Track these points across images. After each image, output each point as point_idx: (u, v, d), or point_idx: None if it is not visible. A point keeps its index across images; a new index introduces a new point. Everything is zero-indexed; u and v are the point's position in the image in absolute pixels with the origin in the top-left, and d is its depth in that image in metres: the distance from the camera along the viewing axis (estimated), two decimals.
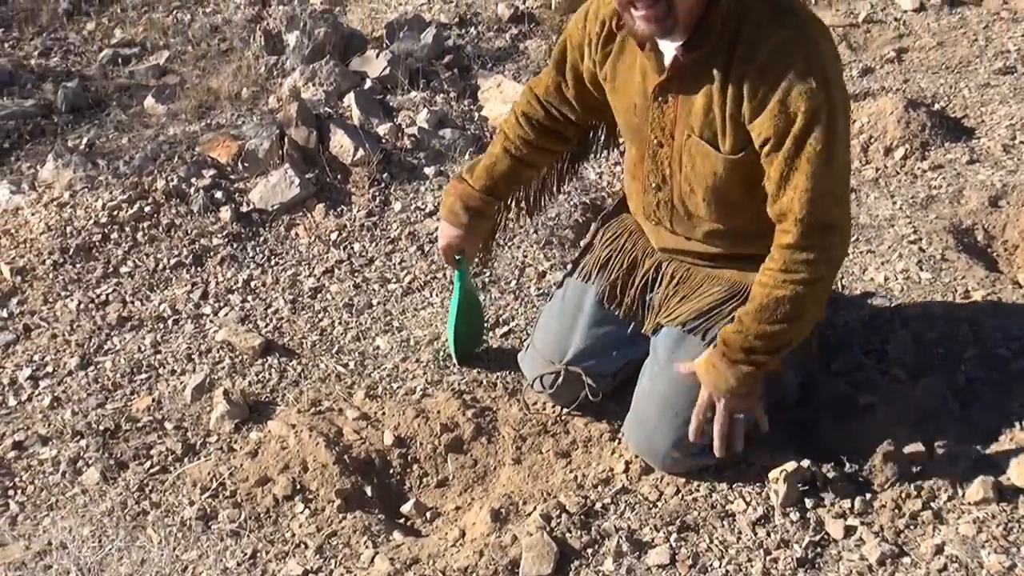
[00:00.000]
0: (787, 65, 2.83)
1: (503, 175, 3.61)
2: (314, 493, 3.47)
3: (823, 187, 2.89)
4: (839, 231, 2.99)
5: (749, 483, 3.37)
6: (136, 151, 5.27)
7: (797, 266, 2.98)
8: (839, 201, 2.98)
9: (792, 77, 2.82)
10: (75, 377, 4.10)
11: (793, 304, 3.00)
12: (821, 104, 2.82)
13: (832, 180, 2.91)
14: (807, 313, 3.05)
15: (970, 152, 5.23)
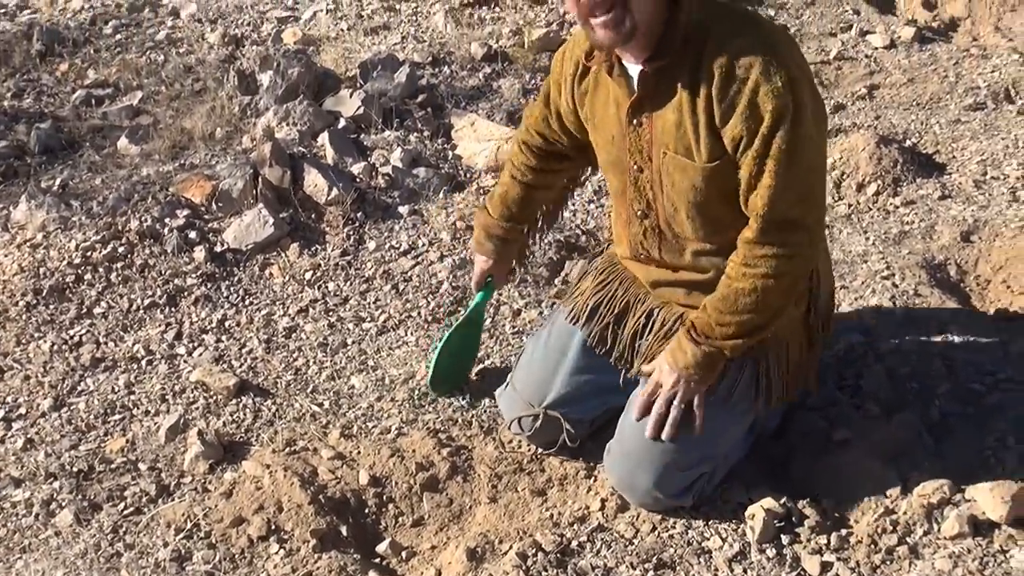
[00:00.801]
0: (752, 67, 2.86)
1: (516, 201, 3.72)
2: (289, 533, 3.45)
3: (785, 184, 2.92)
4: (805, 229, 3.03)
5: (725, 520, 3.37)
6: (110, 192, 5.26)
7: (756, 260, 3.03)
8: (803, 199, 3.00)
9: (758, 78, 2.86)
10: (48, 418, 4.08)
11: (754, 297, 3.05)
12: (788, 103, 2.86)
13: (796, 178, 2.93)
14: (770, 306, 3.10)
15: (942, 188, 5.25)
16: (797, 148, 2.90)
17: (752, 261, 3.04)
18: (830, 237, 4.92)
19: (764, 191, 2.95)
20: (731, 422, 3.41)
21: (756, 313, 3.09)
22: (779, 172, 2.91)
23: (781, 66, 2.86)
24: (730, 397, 3.35)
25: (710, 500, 3.44)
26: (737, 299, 3.07)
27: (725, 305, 3.10)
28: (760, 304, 3.07)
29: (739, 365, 3.35)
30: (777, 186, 2.93)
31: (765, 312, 3.11)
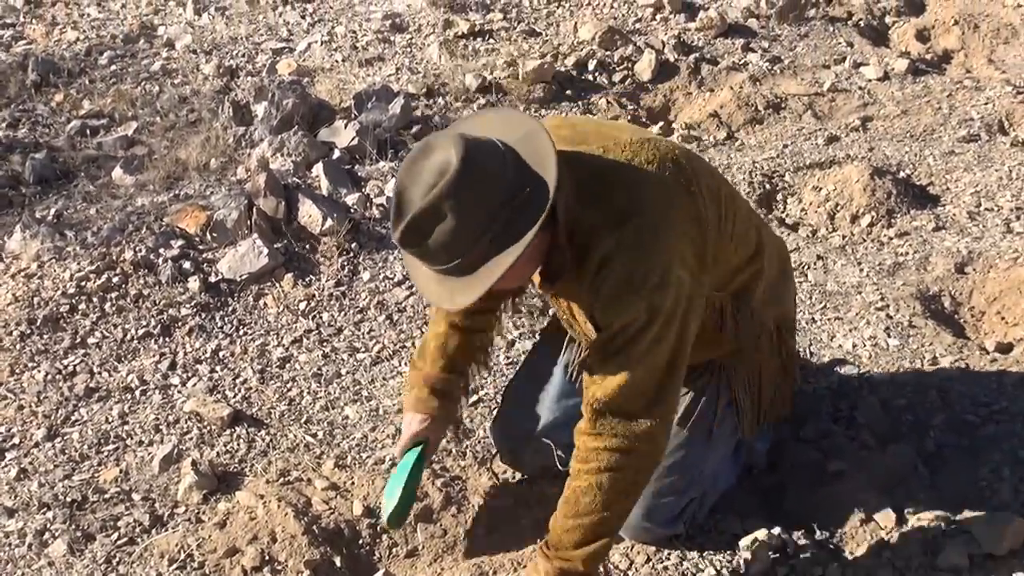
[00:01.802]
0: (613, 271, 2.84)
1: (457, 348, 3.52)
2: (283, 564, 3.44)
3: (624, 381, 2.89)
4: (644, 423, 2.92)
5: (719, 551, 3.36)
6: (104, 222, 5.26)
7: (589, 455, 2.95)
8: (644, 395, 2.92)
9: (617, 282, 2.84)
10: (42, 448, 4.07)
11: (592, 495, 2.95)
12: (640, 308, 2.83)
13: (636, 375, 2.89)
14: (613, 505, 2.98)
15: (936, 219, 5.27)
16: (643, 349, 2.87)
17: (586, 455, 2.97)
18: (824, 268, 4.93)
19: (601, 383, 2.92)
20: (714, 445, 3.41)
21: (598, 513, 2.97)
22: (620, 368, 2.89)
23: (642, 270, 2.83)
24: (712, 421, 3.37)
25: (704, 531, 3.43)
26: (578, 500, 2.98)
27: (568, 508, 3.01)
28: (602, 503, 2.95)
29: (715, 391, 3.38)
30: (616, 381, 2.90)
31: (609, 511, 2.98)
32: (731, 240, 3.11)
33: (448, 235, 2.69)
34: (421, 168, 2.68)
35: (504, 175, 2.69)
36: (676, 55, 7.19)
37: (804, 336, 4.40)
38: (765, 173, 5.76)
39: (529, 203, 2.70)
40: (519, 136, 2.78)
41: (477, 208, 2.67)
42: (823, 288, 4.78)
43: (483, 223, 2.68)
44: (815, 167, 5.78)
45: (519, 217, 2.70)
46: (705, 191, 3.01)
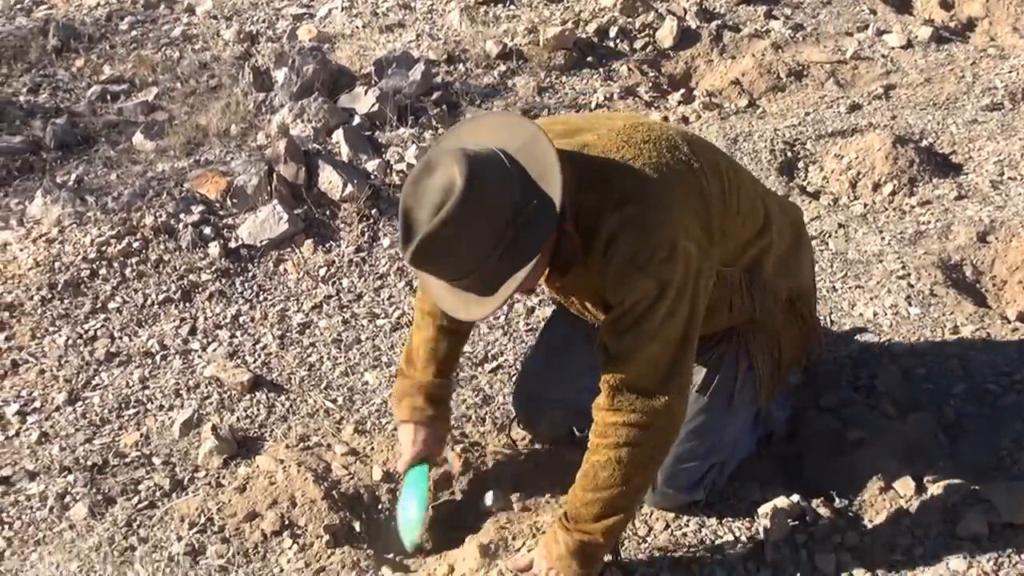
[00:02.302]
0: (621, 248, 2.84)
1: (448, 352, 3.51)
2: (303, 528, 3.45)
3: (640, 357, 2.90)
4: (660, 398, 2.93)
5: (739, 518, 3.36)
6: (125, 187, 5.27)
7: (607, 430, 2.96)
8: (659, 371, 2.93)
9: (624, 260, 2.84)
10: (63, 412, 4.09)
11: (611, 470, 2.96)
12: (651, 284, 2.83)
13: (650, 351, 2.90)
14: (632, 479, 2.99)
15: (958, 188, 5.24)
16: (656, 325, 2.87)
17: (604, 431, 2.97)
18: (845, 237, 4.92)
19: (618, 360, 2.93)
20: (735, 411, 3.41)
21: (617, 488, 2.98)
22: (634, 345, 2.90)
23: (649, 245, 2.83)
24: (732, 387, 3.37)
25: (723, 498, 3.43)
26: (596, 474, 2.99)
27: (586, 481, 3.02)
28: (620, 477, 2.96)
29: (734, 358, 3.38)
30: (631, 357, 2.91)
31: (628, 485, 2.99)
32: (738, 214, 3.11)
33: (457, 255, 2.72)
34: (425, 188, 2.68)
35: (509, 191, 2.71)
36: (698, 22, 7.14)
37: (825, 304, 4.39)
38: (787, 141, 5.74)
39: (536, 216, 2.72)
40: (520, 144, 2.79)
41: (484, 227, 2.69)
42: (844, 256, 4.77)
43: (491, 241, 2.70)
44: (837, 135, 5.76)
45: (527, 231, 2.73)
46: (706, 166, 3.01)
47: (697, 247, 2.90)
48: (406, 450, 3.51)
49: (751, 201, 3.19)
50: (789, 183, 5.43)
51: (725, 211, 3.03)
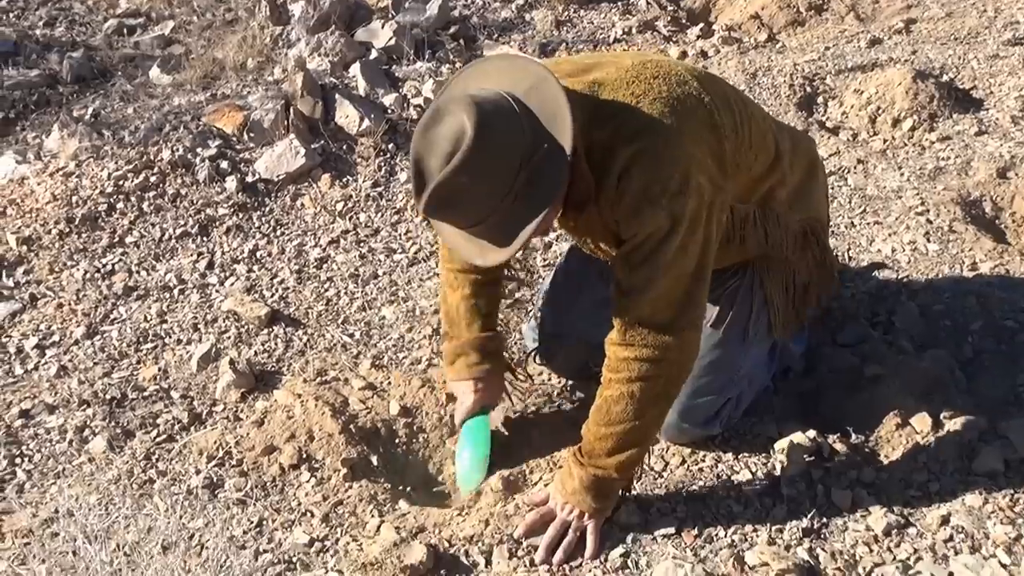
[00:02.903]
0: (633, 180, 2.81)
1: (488, 305, 3.50)
2: (320, 462, 3.47)
3: (654, 290, 2.89)
4: (674, 332, 2.93)
5: (755, 453, 3.36)
6: (141, 121, 5.26)
7: (620, 364, 2.96)
8: (672, 304, 2.92)
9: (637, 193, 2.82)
10: (81, 346, 4.11)
11: (624, 404, 2.97)
12: (664, 216, 2.81)
13: (664, 285, 2.89)
14: (646, 413, 3.00)
15: (978, 123, 5.21)
16: (669, 258, 2.86)
17: (617, 365, 2.98)
18: (864, 172, 4.89)
19: (631, 295, 2.92)
20: (750, 345, 3.41)
21: (630, 422, 2.99)
22: (648, 279, 2.88)
23: (661, 178, 2.81)
24: (747, 321, 3.37)
25: (739, 434, 3.43)
26: (609, 409, 3.00)
27: (600, 416, 3.02)
28: (633, 412, 2.97)
29: (748, 291, 3.38)
30: (644, 291, 2.89)
31: (641, 419, 3.00)
32: (750, 148, 3.09)
33: (470, 202, 2.70)
34: (435, 136, 2.66)
35: (520, 136, 2.68)
36: None
37: (843, 240, 4.37)
38: (806, 76, 5.71)
39: (548, 160, 2.70)
40: (528, 86, 2.76)
41: (496, 173, 2.67)
42: (863, 192, 4.75)
43: (504, 186, 2.69)
44: (857, 70, 5.72)
45: (540, 175, 2.71)
46: (717, 100, 2.98)
47: (709, 180, 2.88)
48: (467, 402, 3.49)
49: (762, 134, 3.17)
50: (808, 118, 5.41)
51: (737, 144, 3.02)
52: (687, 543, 3.05)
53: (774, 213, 3.27)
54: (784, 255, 3.35)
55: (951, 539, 2.96)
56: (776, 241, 3.30)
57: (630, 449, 3.03)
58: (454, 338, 3.50)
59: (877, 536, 3.00)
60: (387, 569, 2.98)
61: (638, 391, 2.95)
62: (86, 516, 3.22)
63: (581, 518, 3.08)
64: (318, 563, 3.08)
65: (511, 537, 3.10)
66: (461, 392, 3.52)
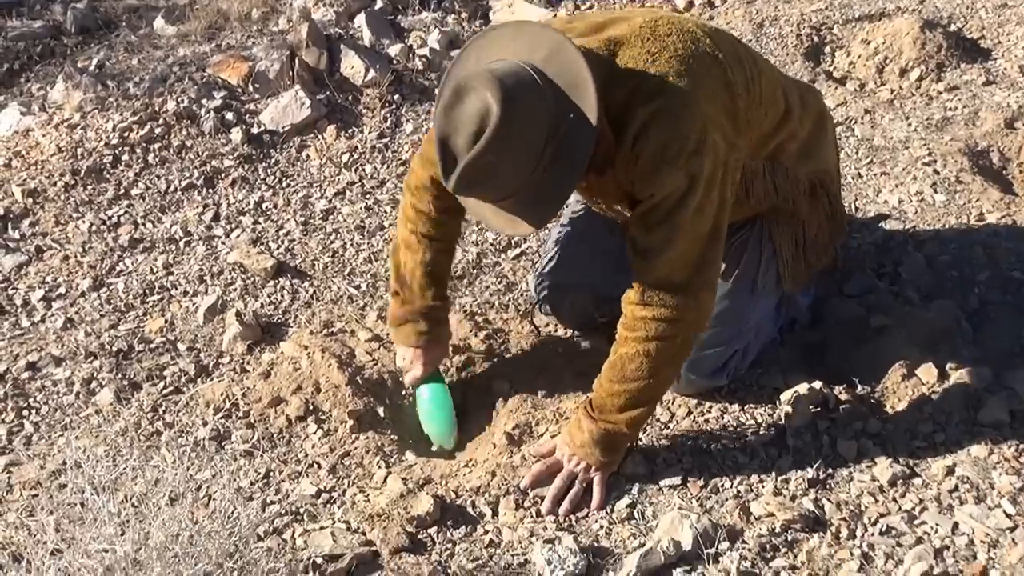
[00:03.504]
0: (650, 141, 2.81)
1: (443, 271, 3.51)
2: (327, 414, 3.47)
3: (671, 251, 2.89)
4: (690, 293, 2.94)
5: (761, 404, 3.36)
6: (146, 72, 5.25)
7: (636, 323, 2.97)
8: (688, 264, 2.93)
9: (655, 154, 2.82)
10: (88, 298, 4.11)
11: (639, 362, 2.98)
12: (681, 177, 2.82)
13: (682, 246, 2.89)
14: (660, 372, 3.02)
15: (986, 73, 5.19)
16: (686, 219, 2.86)
17: (633, 324, 2.98)
18: (871, 123, 4.88)
19: (648, 255, 2.92)
20: (758, 297, 3.42)
21: (644, 380, 3.01)
22: (665, 239, 2.89)
23: (678, 138, 2.80)
24: (755, 273, 3.38)
25: (746, 385, 3.44)
26: (624, 366, 3.01)
27: (613, 373, 3.04)
28: (648, 370, 2.99)
29: (757, 243, 3.39)
30: (662, 252, 2.90)
31: (655, 378, 3.02)
32: (760, 104, 3.08)
33: (500, 178, 2.71)
34: (460, 115, 2.66)
35: (545, 108, 2.68)
36: None
37: (850, 191, 4.36)
38: (813, 25, 5.68)
39: (574, 129, 2.70)
40: (545, 54, 2.75)
41: (524, 149, 2.68)
42: (870, 143, 4.73)
43: (533, 160, 2.70)
44: (864, 20, 5.69)
45: (567, 145, 2.71)
46: (729, 56, 2.98)
47: (724, 139, 2.88)
48: (416, 369, 3.50)
49: (772, 90, 3.16)
50: (815, 69, 5.38)
51: (749, 101, 3.01)
52: (693, 494, 3.07)
53: (783, 167, 3.27)
54: (793, 208, 3.34)
55: (956, 489, 2.96)
56: (785, 195, 3.30)
57: (642, 407, 3.06)
58: (405, 302, 3.49)
59: (882, 486, 3.01)
60: (394, 520, 3.00)
61: (654, 350, 2.96)
62: (94, 468, 3.23)
63: (588, 470, 3.09)
64: (325, 514, 3.10)
65: (517, 488, 3.11)
66: (408, 357, 3.53)
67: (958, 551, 2.77)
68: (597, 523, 3.00)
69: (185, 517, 2.64)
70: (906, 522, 2.88)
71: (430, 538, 2.98)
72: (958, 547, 2.78)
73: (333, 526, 3.01)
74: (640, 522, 2.99)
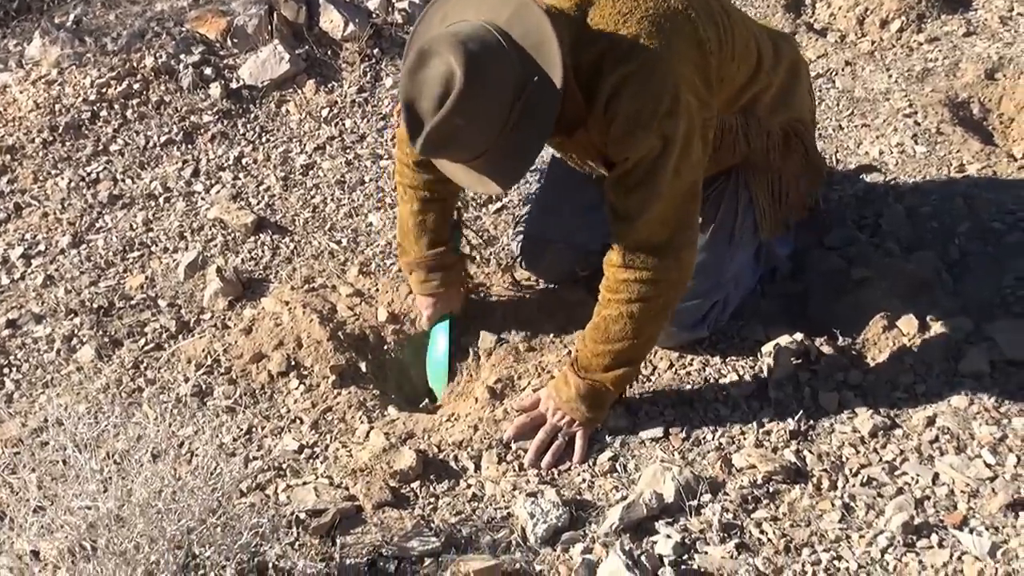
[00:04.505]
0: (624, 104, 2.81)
1: (436, 221, 3.52)
2: (309, 369, 3.48)
3: (649, 212, 2.89)
4: (671, 253, 2.96)
5: (742, 356, 3.37)
6: (123, 28, 5.21)
7: (619, 286, 2.98)
8: (667, 224, 2.94)
9: (629, 117, 2.82)
10: (67, 255, 4.10)
11: (622, 324, 3.00)
12: (655, 140, 2.82)
13: (661, 207, 2.90)
14: (644, 332, 3.04)
15: (967, 24, 5.18)
16: (663, 180, 2.86)
17: (616, 286, 2.99)
18: (852, 74, 4.87)
19: (627, 219, 2.92)
20: (736, 247, 3.42)
21: (628, 340, 3.03)
22: (643, 202, 2.89)
23: (651, 101, 2.80)
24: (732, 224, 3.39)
25: (727, 337, 3.45)
26: (608, 328, 3.02)
27: (597, 334, 3.05)
28: (632, 331, 3.01)
29: (734, 194, 3.39)
30: (640, 214, 2.90)
31: (639, 338, 3.04)
32: (733, 60, 3.08)
33: (467, 140, 2.72)
34: (424, 79, 2.67)
35: (510, 70, 2.69)
36: None
37: (831, 143, 4.36)
38: None
39: (540, 89, 2.70)
40: (509, 14, 2.74)
41: (490, 111, 2.69)
42: (851, 94, 4.73)
43: (499, 121, 2.70)
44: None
45: (533, 106, 2.71)
46: (701, 13, 2.96)
47: (697, 98, 2.89)
48: (426, 313, 3.60)
49: (745, 43, 3.15)
50: (796, 20, 5.37)
51: (722, 59, 3.01)
52: (675, 446, 3.08)
53: (755, 118, 3.27)
54: (768, 159, 3.34)
55: (937, 440, 2.98)
56: (758, 146, 3.30)
57: (627, 366, 3.08)
58: (406, 252, 3.55)
59: (863, 437, 3.02)
60: (376, 475, 3.00)
61: (637, 311, 2.98)
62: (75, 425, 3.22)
63: (571, 424, 3.10)
64: (308, 469, 3.10)
65: (500, 442, 3.12)
66: (421, 306, 3.62)
67: (938, 501, 2.78)
68: (579, 476, 3.01)
69: (167, 473, 2.64)
70: (887, 473, 2.89)
71: (413, 492, 2.98)
72: (938, 497, 2.80)
73: (316, 481, 3.01)
74: (622, 475, 3.00)
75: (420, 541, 2.76)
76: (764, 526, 2.78)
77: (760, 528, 2.77)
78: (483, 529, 2.83)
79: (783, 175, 3.43)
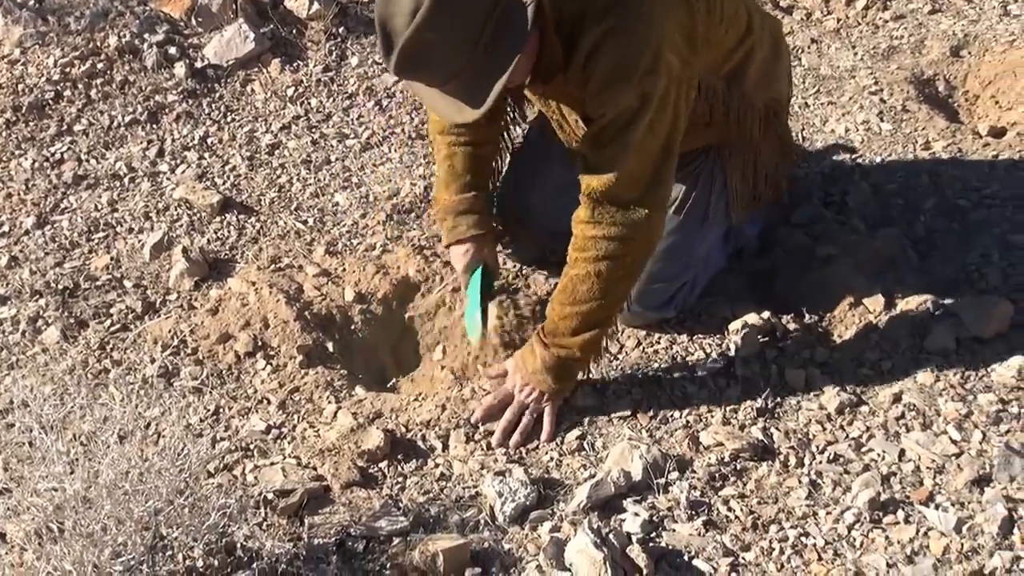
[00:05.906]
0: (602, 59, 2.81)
1: (465, 167, 3.48)
2: (276, 349, 3.47)
3: (621, 169, 2.89)
4: (641, 211, 2.94)
5: (709, 335, 3.39)
6: (87, 7, 5.16)
7: (587, 243, 2.98)
8: (638, 182, 2.93)
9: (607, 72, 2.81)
10: (32, 236, 4.07)
11: (590, 283, 2.99)
12: (632, 97, 2.82)
13: (632, 163, 2.89)
14: (611, 292, 3.03)
15: (932, 2, 5.19)
16: (637, 137, 2.86)
17: (583, 244, 2.99)
18: (818, 52, 4.88)
19: (599, 173, 2.91)
20: (706, 228, 3.42)
21: (596, 301, 3.02)
22: (616, 156, 2.89)
23: (631, 57, 2.79)
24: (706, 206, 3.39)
25: (694, 315, 3.46)
26: (575, 288, 3.02)
27: (565, 296, 3.05)
28: (599, 291, 3.00)
29: (710, 176, 3.39)
30: (612, 169, 2.89)
31: (606, 299, 3.03)
32: (721, 22, 3.06)
33: (440, 58, 2.68)
34: None
35: None
36: None
37: (797, 121, 4.37)
38: None
39: (511, 10, 2.68)
40: None
41: (462, 26, 2.65)
42: (816, 72, 4.74)
43: (472, 38, 2.66)
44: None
45: (505, 26, 2.68)
46: None
47: (679, 58, 2.87)
48: (458, 265, 3.54)
49: (734, 9, 3.14)
50: None
51: (709, 21, 2.99)
52: (642, 424, 3.09)
53: (740, 89, 3.26)
54: (748, 136, 3.34)
55: (903, 416, 2.99)
56: (742, 119, 3.29)
57: (594, 329, 3.07)
58: (438, 202, 3.54)
59: (830, 415, 3.04)
60: (344, 455, 3.00)
61: (605, 270, 2.97)
62: (41, 407, 3.20)
63: (539, 400, 3.11)
64: (275, 450, 3.10)
65: (468, 421, 3.12)
66: (454, 257, 3.56)
67: (904, 477, 2.80)
68: (547, 455, 3.02)
69: (134, 455, 2.63)
70: (853, 450, 2.91)
71: (381, 472, 2.99)
72: (904, 473, 2.81)
73: (284, 462, 3.01)
74: (590, 453, 3.01)
75: (388, 521, 2.76)
76: (732, 503, 2.79)
77: (727, 505, 2.79)
78: (451, 508, 2.84)
79: (759, 155, 3.43)
